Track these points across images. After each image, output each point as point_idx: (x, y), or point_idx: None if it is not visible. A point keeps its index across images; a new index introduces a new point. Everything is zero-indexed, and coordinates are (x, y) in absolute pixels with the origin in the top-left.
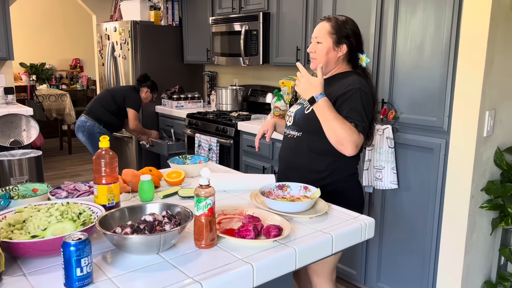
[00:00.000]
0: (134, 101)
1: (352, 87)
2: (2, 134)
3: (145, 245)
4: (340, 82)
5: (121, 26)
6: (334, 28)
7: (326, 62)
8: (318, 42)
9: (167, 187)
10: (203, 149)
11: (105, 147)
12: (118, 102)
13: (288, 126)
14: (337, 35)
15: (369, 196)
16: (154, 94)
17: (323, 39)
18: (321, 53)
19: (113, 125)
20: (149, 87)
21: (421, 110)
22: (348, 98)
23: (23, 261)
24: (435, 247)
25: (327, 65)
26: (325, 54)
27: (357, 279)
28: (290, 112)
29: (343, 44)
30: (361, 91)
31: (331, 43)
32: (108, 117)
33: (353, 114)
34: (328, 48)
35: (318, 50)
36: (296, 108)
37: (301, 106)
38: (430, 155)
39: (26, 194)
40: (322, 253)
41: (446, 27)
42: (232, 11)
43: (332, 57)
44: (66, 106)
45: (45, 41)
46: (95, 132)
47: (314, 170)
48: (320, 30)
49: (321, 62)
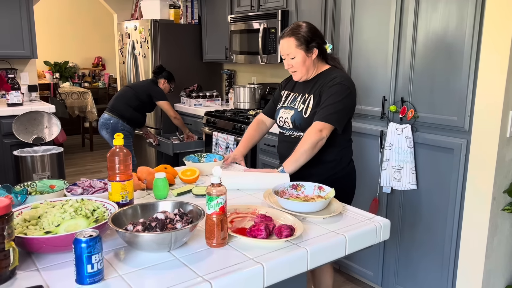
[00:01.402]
0: (160, 94)
1: (333, 82)
2: (26, 131)
3: (156, 242)
4: (323, 80)
5: (141, 25)
6: (298, 39)
7: (306, 69)
8: (292, 58)
9: (182, 185)
10: (221, 147)
11: (119, 145)
12: (141, 98)
13: (288, 129)
14: (304, 44)
15: (387, 197)
16: (171, 84)
17: (294, 54)
18: (298, 65)
19: (136, 121)
20: (166, 78)
21: (441, 109)
22: (328, 90)
23: (37, 256)
24: (455, 250)
25: (308, 70)
26: (302, 64)
27: (373, 281)
28: (283, 118)
29: (313, 48)
30: (340, 84)
31: (303, 53)
32: (131, 113)
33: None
34: (302, 59)
35: (295, 64)
36: (289, 113)
37: (295, 111)
38: (451, 156)
39: (43, 190)
40: (335, 254)
41: (469, 23)
42: (251, 9)
43: (309, 63)
44: (88, 104)
45: (69, 39)
46: (119, 129)
47: (326, 161)
48: (288, 47)
49: (301, 71)
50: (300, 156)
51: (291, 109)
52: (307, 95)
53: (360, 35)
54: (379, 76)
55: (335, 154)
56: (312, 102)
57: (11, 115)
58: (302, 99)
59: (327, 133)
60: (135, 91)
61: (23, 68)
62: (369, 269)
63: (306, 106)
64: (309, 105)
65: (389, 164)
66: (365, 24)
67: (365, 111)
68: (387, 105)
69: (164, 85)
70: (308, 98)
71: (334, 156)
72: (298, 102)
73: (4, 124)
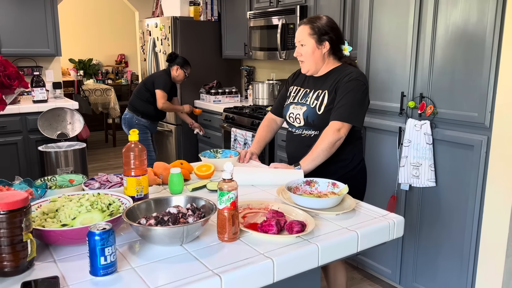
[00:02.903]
0: (160, 82)
1: (348, 78)
2: (50, 127)
3: (168, 236)
4: (338, 76)
5: (162, 22)
6: (312, 29)
7: (314, 61)
8: (302, 45)
9: (197, 180)
10: (239, 144)
11: (134, 140)
12: (149, 89)
13: (298, 127)
14: (317, 34)
15: (405, 194)
16: (185, 70)
17: (305, 41)
18: (307, 54)
19: (151, 114)
20: (179, 64)
21: (461, 105)
22: (344, 86)
23: (55, 248)
24: (474, 249)
25: (316, 64)
26: (311, 54)
27: (392, 278)
28: (294, 114)
29: (325, 41)
30: (355, 80)
31: (314, 43)
32: (144, 106)
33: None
34: (312, 48)
35: (303, 52)
36: (301, 109)
37: (308, 108)
38: (471, 152)
39: (62, 185)
40: (347, 251)
41: (490, 17)
42: (270, 5)
43: (318, 55)
44: (111, 100)
45: (93, 37)
46: (134, 124)
47: (339, 160)
48: (301, 33)
49: (309, 62)
50: (318, 155)
51: (302, 105)
52: (320, 91)
53: (378, 30)
54: (398, 71)
55: (347, 152)
56: (327, 99)
57: (36, 111)
58: (315, 95)
59: (345, 132)
60: (144, 83)
61: (48, 65)
62: (387, 266)
63: (320, 103)
64: (323, 102)
65: (407, 161)
66: (384, 19)
67: (383, 107)
68: (405, 101)
69: (178, 71)
70: (322, 94)
71: (346, 154)
72: (310, 98)
73: (29, 120)
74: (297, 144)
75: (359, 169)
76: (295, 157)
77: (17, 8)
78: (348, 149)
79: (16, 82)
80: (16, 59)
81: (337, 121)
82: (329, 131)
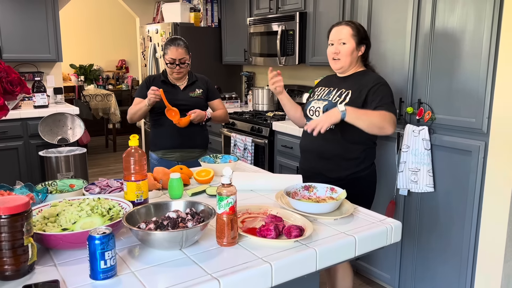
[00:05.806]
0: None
1: (378, 82)
2: (51, 132)
3: (168, 240)
4: (364, 79)
5: (163, 28)
6: (355, 30)
7: (350, 61)
8: (343, 43)
9: (197, 185)
10: (239, 149)
11: (134, 146)
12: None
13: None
14: (358, 36)
15: (404, 199)
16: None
17: (347, 40)
18: (346, 53)
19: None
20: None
21: (459, 110)
22: (377, 90)
23: (55, 252)
24: (473, 253)
25: (350, 63)
26: (349, 53)
27: (391, 283)
28: (314, 108)
29: (364, 45)
30: (386, 84)
31: (355, 44)
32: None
33: (384, 101)
34: (352, 49)
35: (342, 51)
36: (322, 104)
37: (329, 102)
38: (469, 158)
39: (63, 189)
40: (344, 255)
41: (487, 24)
42: (269, 12)
43: (354, 57)
44: (112, 106)
45: (93, 43)
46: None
47: (349, 158)
48: (343, 33)
49: (345, 62)
50: (366, 116)
51: (324, 100)
52: (344, 89)
53: (377, 36)
54: (396, 77)
55: (359, 152)
56: (350, 97)
57: (37, 116)
58: (338, 93)
59: (388, 127)
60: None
61: (49, 71)
62: (386, 272)
63: (342, 99)
64: (345, 99)
65: (406, 166)
66: (383, 25)
67: None
68: (404, 107)
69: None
70: (346, 93)
71: (357, 154)
72: (333, 95)
73: (30, 126)
74: (312, 138)
75: (370, 172)
76: (308, 150)
77: (18, 14)
78: (361, 149)
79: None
80: (17, 65)
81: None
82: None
